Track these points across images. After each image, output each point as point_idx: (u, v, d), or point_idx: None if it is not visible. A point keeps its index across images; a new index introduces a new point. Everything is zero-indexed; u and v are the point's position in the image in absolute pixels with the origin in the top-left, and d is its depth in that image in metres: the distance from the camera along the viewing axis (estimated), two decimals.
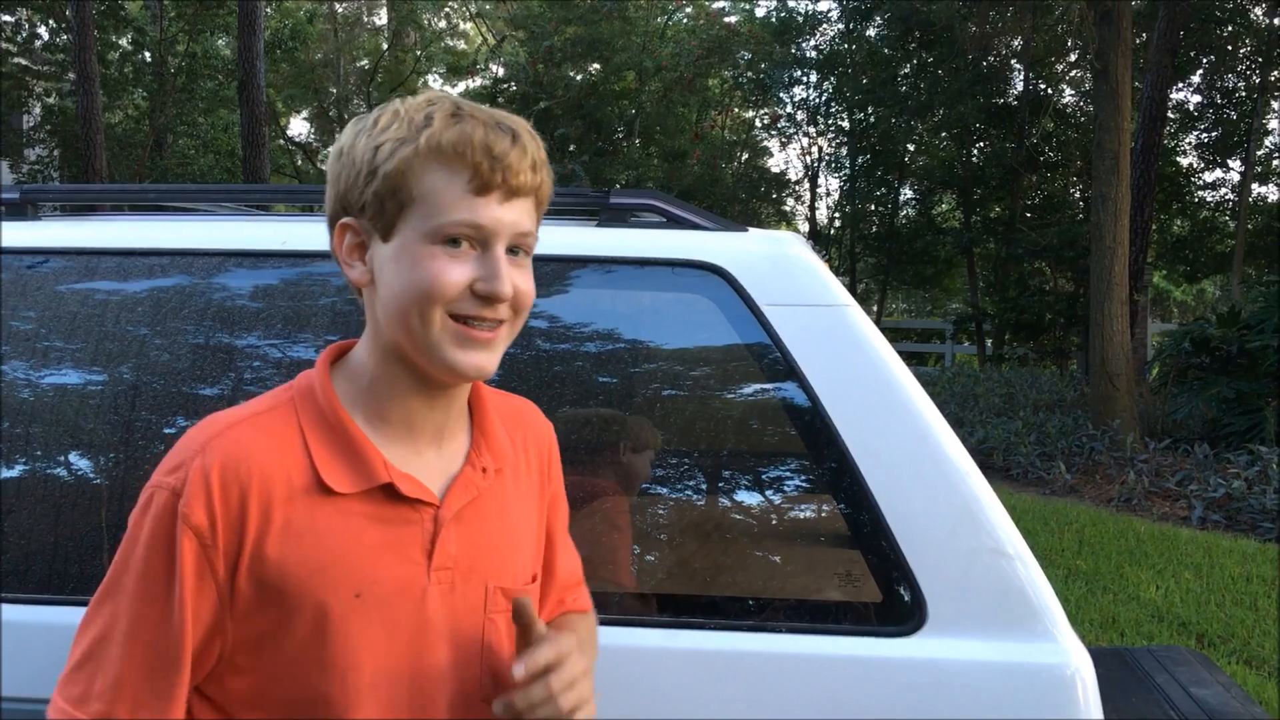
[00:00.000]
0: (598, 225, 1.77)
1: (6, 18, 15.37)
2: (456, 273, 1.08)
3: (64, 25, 15.09)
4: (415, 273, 1.08)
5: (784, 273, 1.66)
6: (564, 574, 1.37)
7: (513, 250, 1.12)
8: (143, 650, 1.08)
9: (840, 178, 19.77)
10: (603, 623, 1.50)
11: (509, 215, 1.10)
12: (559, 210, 2.08)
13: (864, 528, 1.54)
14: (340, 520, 1.10)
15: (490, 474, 1.21)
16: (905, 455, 1.54)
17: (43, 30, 16.13)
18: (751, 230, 1.76)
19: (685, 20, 17.64)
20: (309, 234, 1.75)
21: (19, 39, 15.78)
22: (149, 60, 16.18)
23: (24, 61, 16.22)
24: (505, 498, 1.23)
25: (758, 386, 1.64)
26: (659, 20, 16.96)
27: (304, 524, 1.09)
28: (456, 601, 1.15)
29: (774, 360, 1.62)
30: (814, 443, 1.59)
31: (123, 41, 16.09)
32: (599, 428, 1.65)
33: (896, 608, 1.52)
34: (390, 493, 1.13)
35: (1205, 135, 17.08)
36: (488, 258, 1.10)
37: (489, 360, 1.12)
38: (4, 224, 1.81)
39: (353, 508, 1.11)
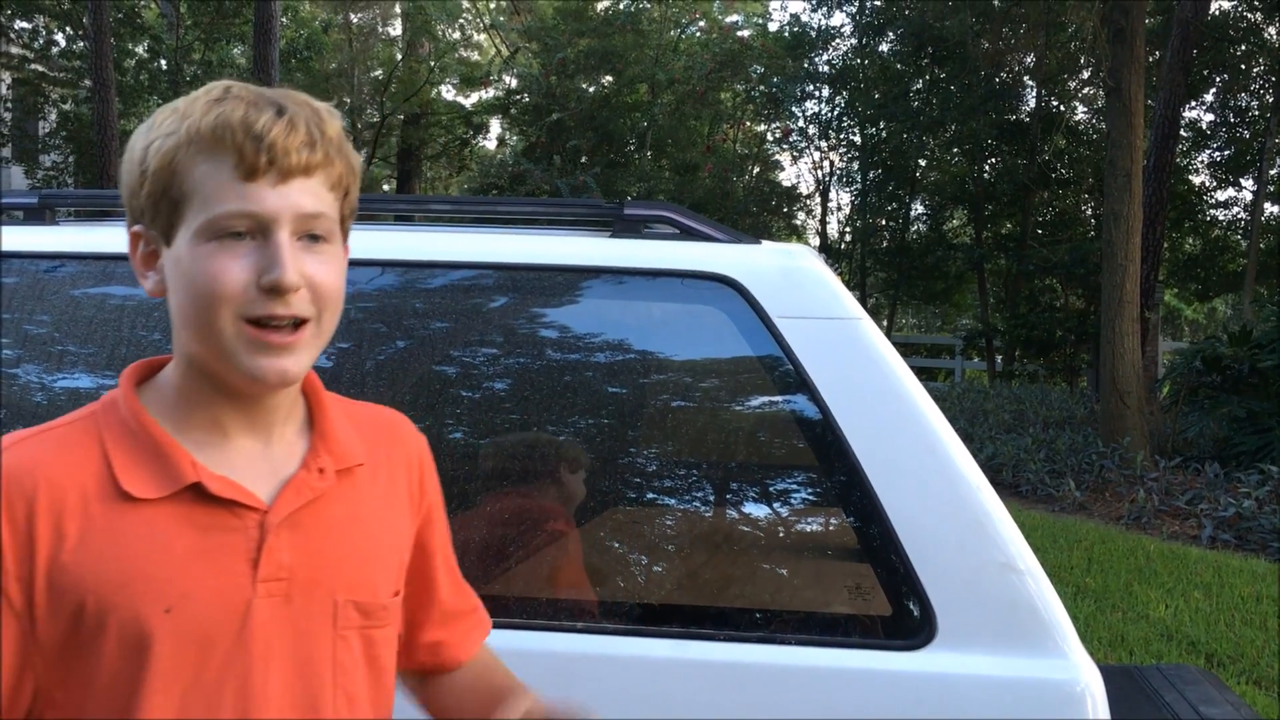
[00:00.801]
0: (611, 236, 1.77)
1: (24, 24, 15.49)
2: (236, 270, 0.99)
3: (81, 32, 15.20)
4: (195, 276, 0.99)
5: (796, 285, 1.66)
6: (448, 595, 1.26)
7: (312, 237, 1.02)
8: None
9: (851, 192, 19.78)
10: (605, 630, 1.50)
11: (287, 199, 1.00)
12: (573, 221, 2.09)
13: (874, 541, 1.54)
14: (145, 529, 1.00)
15: (330, 475, 1.09)
16: (916, 468, 1.54)
17: (60, 37, 16.27)
18: (764, 243, 1.77)
19: (698, 34, 17.70)
20: None
21: (36, 45, 15.91)
22: (165, 68, 16.29)
23: (41, 68, 16.34)
24: (359, 504, 1.12)
25: (769, 398, 1.64)
26: (672, 33, 17.02)
27: (103, 535, 1.00)
28: (295, 616, 1.05)
29: (785, 372, 1.62)
30: (825, 455, 1.59)
31: (139, 49, 16.21)
32: (539, 452, 1.66)
33: (906, 621, 1.52)
34: (202, 496, 1.02)
35: (1218, 154, 17.07)
36: (268, 246, 0.99)
37: (292, 364, 1.02)
38: (24, 229, 1.83)
39: (160, 515, 1.01)
